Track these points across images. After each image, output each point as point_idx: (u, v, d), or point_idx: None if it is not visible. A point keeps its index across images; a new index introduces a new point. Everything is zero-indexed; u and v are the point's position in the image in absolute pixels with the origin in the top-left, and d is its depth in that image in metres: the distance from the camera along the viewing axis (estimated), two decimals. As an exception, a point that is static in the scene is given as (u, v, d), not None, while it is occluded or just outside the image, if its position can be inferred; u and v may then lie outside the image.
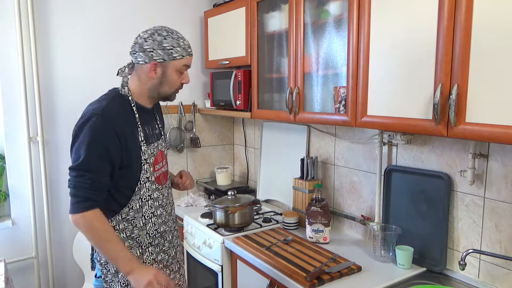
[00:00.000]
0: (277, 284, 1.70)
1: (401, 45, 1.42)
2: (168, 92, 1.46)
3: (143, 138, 1.43)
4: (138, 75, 1.44)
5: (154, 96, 1.48)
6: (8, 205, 2.30)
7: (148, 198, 1.46)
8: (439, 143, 1.67)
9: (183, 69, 1.44)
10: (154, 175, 1.47)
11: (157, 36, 1.38)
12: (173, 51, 1.39)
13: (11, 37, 2.17)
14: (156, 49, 1.37)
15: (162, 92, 1.46)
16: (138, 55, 1.40)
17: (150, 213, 1.47)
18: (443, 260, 1.63)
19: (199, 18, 2.79)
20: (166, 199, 1.55)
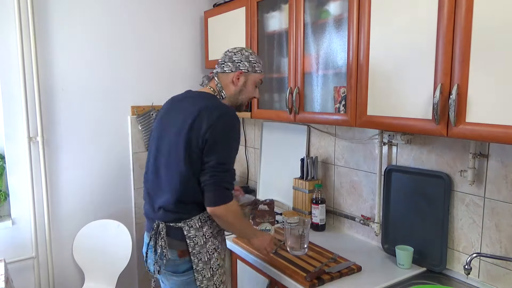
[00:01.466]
0: (277, 284, 1.70)
1: (401, 44, 1.42)
2: (244, 101, 1.67)
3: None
4: (222, 82, 1.63)
5: (233, 102, 1.65)
6: (8, 205, 2.30)
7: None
8: (439, 143, 1.67)
9: (258, 83, 1.67)
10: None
11: (245, 52, 1.62)
12: (256, 65, 1.63)
13: (11, 37, 2.17)
14: (243, 61, 1.60)
15: (240, 99, 1.65)
16: (226, 64, 1.62)
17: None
18: (443, 260, 1.63)
19: (199, 18, 2.79)
20: None
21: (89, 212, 2.48)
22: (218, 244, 1.58)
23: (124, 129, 2.58)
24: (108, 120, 2.51)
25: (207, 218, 1.54)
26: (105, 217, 2.52)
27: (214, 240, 1.56)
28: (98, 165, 2.50)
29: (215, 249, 1.56)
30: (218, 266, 1.57)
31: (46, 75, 2.29)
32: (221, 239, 1.62)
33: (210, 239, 1.54)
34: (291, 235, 1.79)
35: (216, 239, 1.57)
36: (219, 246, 1.58)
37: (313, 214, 2.13)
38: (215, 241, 1.56)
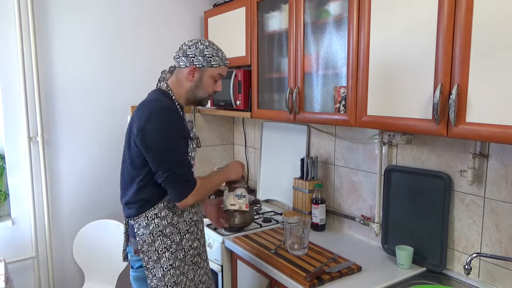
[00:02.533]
0: (277, 284, 1.70)
1: (401, 44, 1.42)
2: (203, 96, 1.60)
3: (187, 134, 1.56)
4: (178, 78, 1.58)
5: (190, 98, 1.60)
6: (8, 205, 2.30)
7: None
8: (439, 143, 1.67)
9: (217, 77, 1.59)
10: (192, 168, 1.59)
11: (200, 45, 1.53)
12: (212, 59, 1.54)
13: (11, 37, 2.17)
14: (197, 55, 1.52)
15: (198, 95, 1.60)
16: (180, 59, 1.55)
17: None
18: (443, 260, 1.63)
19: (199, 18, 2.79)
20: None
21: (89, 212, 2.48)
22: (171, 243, 1.52)
23: (124, 129, 2.55)
24: (108, 120, 2.51)
25: (154, 216, 1.51)
26: (105, 217, 2.52)
27: (165, 239, 1.52)
28: (98, 165, 2.50)
29: (166, 248, 1.52)
30: (170, 266, 1.52)
31: (46, 75, 2.29)
32: (179, 239, 1.55)
33: (159, 238, 1.51)
34: (291, 235, 1.79)
35: (169, 238, 1.52)
36: (172, 246, 1.52)
37: (313, 214, 2.13)
38: (167, 240, 1.52)
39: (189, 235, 1.59)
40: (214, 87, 1.60)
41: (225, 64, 1.59)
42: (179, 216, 1.56)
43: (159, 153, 1.45)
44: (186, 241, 1.57)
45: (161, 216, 1.52)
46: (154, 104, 1.49)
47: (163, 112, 1.46)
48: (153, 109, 1.46)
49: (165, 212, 1.53)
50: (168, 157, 1.45)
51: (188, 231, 1.58)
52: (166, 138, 1.45)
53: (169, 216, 1.54)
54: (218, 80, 1.61)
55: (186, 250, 1.57)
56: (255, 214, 2.40)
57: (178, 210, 1.56)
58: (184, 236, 1.57)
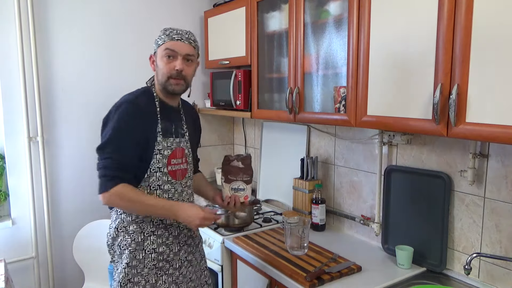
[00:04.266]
0: (277, 284, 1.70)
1: (401, 44, 1.42)
2: (162, 80, 1.51)
3: (161, 130, 1.51)
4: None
5: (161, 89, 1.55)
6: (8, 205, 2.30)
7: (157, 188, 1.52)
8: (439, 143, 1.67)
9: (166, 53, 1.49)
10: (168, 168, 1.52)
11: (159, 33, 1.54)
12: (159, 39, 1.52)
13: (11, 37, 2.17)
14: (154, 44, 1.54)
15: (160, 82, 1.53)
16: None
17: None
18: (443, 260, 1.63)
19: (199, 18, 2.79)
20: (179, 195, 1.58)
21: (89, 212, 2.48)
22: (131, 242, 1.49)
23: (124, 129, 2.57)
24: (108, 120, 2.51)
25: (122, 211, 1.52)
26: (105, 217, 2.52)
27: (127, 236, 1.50)
28: (98, 165, 2.50)
29: (126, 246, 1.50)
30: (126, 265, 1.49)
31: (46, 75, 2.29)
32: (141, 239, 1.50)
33: (122, 234, 1.51)
34: (291, 235, 1.79)
35: (130, 237, 1.50)
36: (131, 245, 1.49)
37: (313, 214, 2.13)
38: (128, 238, 1.50)
39: (155, 238, 1.52)
40: (169, 67, 1.49)
41: (172, 38, 1.49)
42: (145, 216, 1.51)
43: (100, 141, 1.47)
44: (149, 243, 1.51)
45: (127, 212, 1.51)
46: (121, 99, 1.52)
47: (121, 105, 1.47)
48: (116, 103, 1.50)
49: None
50: (100, 146, 1.45)
51: (154, 233, 1.52)
52: (108, 131, 1.45)
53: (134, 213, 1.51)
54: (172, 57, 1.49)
55: (147, 252, 1.50)
56: (255, 214, 2.40)
57: None
58: (148, 238, 1.51)
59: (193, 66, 1.57)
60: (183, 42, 1.50)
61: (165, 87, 1.52)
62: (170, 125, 1.55)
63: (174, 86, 1.51)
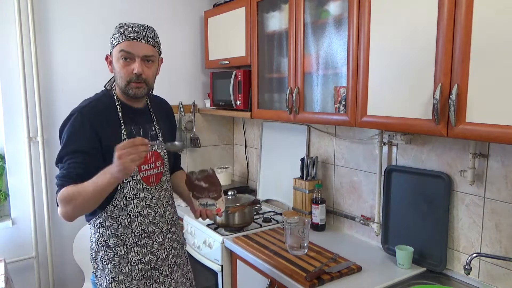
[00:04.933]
0: (277, 284, 1.70)
1: (401, 44, 1.42)
2: (121, 85, 1.39)
3: (126, 136, 1.41)
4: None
5: (120, 92, 1.44)
6: (8, 205, 2.30)
7: (133, 197, 1.44)
8: (439, 143, 1.67)
9: (121, 55, 1.35)
10: (140, 175, 1.44)
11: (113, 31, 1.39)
12: (113, 38, 1.38)
13: (11, 37, 2.17)
14: (109, 44, 1.41)
15: (119, 85, 1.40)
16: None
17: (136, 212, 1.44)
18: (443, 260, 1.63)
19: (199, 18, 2.79)
20: (157, 200, 1.50)
21: (89, 212, 2.48)
22: (113, 256, 1.43)
23: (124, 129, 2.57)
24: (108, 120, 2.51)
25: (99, 225, 1.43)
26: (105, 217, 2.52)
27: (108, 251, 1.43)
28: (98, 165, 2.49)
29: (109, 260, 1.43)
30: (112, 279, 1.43)
31: (46, 75, 2.29)
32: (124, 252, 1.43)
33: (103, 248, 1.44)
34: (291, 235, 1.79)
35: (112, 250, 1.43)
36: (114, 259, 1.43)
37: (313, 214, 2.13)
38: (110, 252, 1.43)
39: (139, 248, 1.45)
40: (127, 70, 1.36)
41: (127, 38, 1.34)
42: (125, 227, 1.43)
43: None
44: (134, 254, 1.44)
45: (106, 225, 1.42)
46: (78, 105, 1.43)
47: (72, 115, 1.39)
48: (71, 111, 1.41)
49: (109, 222, 1.42)
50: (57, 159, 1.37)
51: (138, 244, 1.45)
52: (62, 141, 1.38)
53: (114, 226, 1.42)
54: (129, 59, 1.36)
55: (133, 264, 1.44)
56: (255, 214, 2.40)
57: (124, 221, 1.42)
58: (131, 249, 1.44)
59: (154, 67, 1.44)
60: (140, 41, 1.35)
61: (125, 91, 1.40)
62: (137, 129, 1.45)
63: (135, 90, 1.39)
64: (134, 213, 1.44)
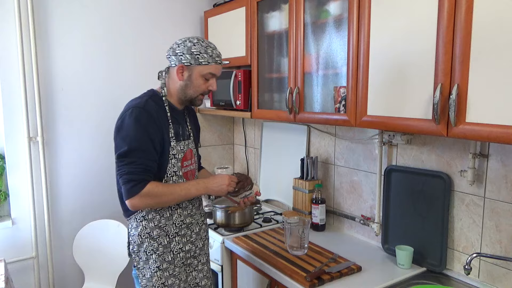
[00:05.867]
0: (277, 284, 1.70)
1: (401, 44, 1.42)
2: (193, 95, 1.57)
3: (173, 135, 1.55)
4: (170, 77, 1.58)
5: (181, 97, 1.58)
6: (8, 205, 2.30)
7: None
8: (439, 143, 1.67)
9: (208, 76, 1.54)
10: (182, 170, 1.58)
11: (188, 43, 1.51)
12: (199, 56, 1.50)
13: (11, 37, 2.17)
14: (185, 53, 1.50)
15: (188, 94, 1.57)
16: (171, 58, 1.54)
17: (176, 205, 1.57)
18: (443, 260, 1.63)
19: (199, 18, 2.79)
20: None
21: (89, 212, 2.48)
22: (158, 246, 1.53)
23: (124, 129, 2.57)
24: (108, 120, 2.51)
25: (142, 218, 1.53)
26: (105, 217, 2.52)
27: (152, 242, 1.53)
28: (98, 165, 2.50)
29: (153, 250, 1.53)
30: (157, 268, 1.53)
31: (46, 75, 2.29)
32: (167, 242, 1.55)
33: (147, 240, 1.53)
34: (291, 235, 1.79)
35: (155, 241, 1.53)
36: (159, 249, 1.54)
37: (313, 214, 2.13)
38: (154, 242, 1.53)
39: (180, 238, 1.58)
40: (206, 86, 1.56)
41: (216, 62, 1.53)
42: (167, 219, 1.55)
43: (116, 149, 1.47)
44: (175, 244, 1.57)
45: (149, 218, 1.53)
46: (130, 103, 1.52)
47: (134, 110, 1.46)
48: (128, 108, 1.49)
49: (152, 215, 1.53)
50: (121, 154, 1.44)
51: (178, 234, 1.58)
52: (126, 136, 1.45)
53: (156, 218, 1.53)
54: (211, 79, 1.56)
55: (175, 253, 1.57)
56: (255, 214, 2.40)
57: (166, 213, 1.55)
58: (173, 239, 1.56)
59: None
60: (220, 64, 1.57)
61: (192, 101, 1.58)
62: (179, 128, 1.58)
63: (200, 101, 1.60)
64: (175, 205, 1.56)
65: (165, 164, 1.52)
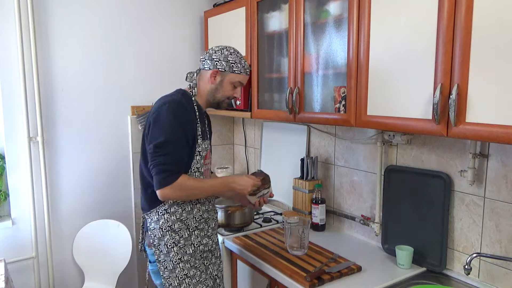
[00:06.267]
0: (277, 284, 1.70)
1: (401, 44, 1.42)
2: (220, 99, 1.68)
3: (200, 133, 1.62)
4: (202, 79, 1.67)
5: (210, 100, 1.68)
6: (8, 205, 2.30)
7: None
8: (439, 143, 1.67)
9: (237, 84, 1.67)
10: (203, 168, 1.65)
11: (225, 51, 1.64)
12: (234, 65, 1.64)
13: (11, 37, 2.17)
14: (221, 60, 1.62)
15: (216, 98, 1.67)
16: (206, 62, 1.65)
17: (195, 200, 1.64)
18: (443, 260, 1.63)
19: (199, 18, 2.79)
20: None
21: (89, 212, 2.48)
22: (179, 239, 1.59)
23: (124, 129, 2.58)
24: (108, 120, 2.51)
25: (164, 212, 1.59)
26: (105, 217, 2.52)
27: (174, 235, 1.59)
28: (98, 165, 2.50)
29: (174, 243, 1.59)
30: (179, 260, 1.59)
31: (46, 75, 2.29)
32: (187, 235, 1.61)
33: (168, 233, 1.59)
34: (291, 235, 1.79)
35: (177, 234, 1.59)
36: (180, 241, 1.59)
37: (313, 214, 2.13)
38: (175, 235, 1.59)
39: (199, 232, 1.64)
40: (232, 93, 1.68)
41: (246, 73, 1.67)
42: (188, 213, 1.61)
43: (152, 140, 1.52)
44: (195, 237, 1.63)
45: (171, 212, 1.59)
46: (166, 98, 1.59)
47: (171, 104, 1.54)
48: (164, 102, 1.56)
49: (174, 208, 1.59)
50: (158, 144, 1.50)
51: (198, 228, 1.64)
52: (166, 128, 1.51)
53: (178, 212, 1.59)
54: (238, 87, 1.69)
55: (195, 245, 1.63)
56: (255, 214, 2.40)
57: (187, 207, 1.61)
58: (193, 233, 1.63)
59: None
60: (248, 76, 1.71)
61: (218, 104, 1.69)
62: (204, 128, 1.66)
63: (225, 106, 1.72)
64: (194, 200, 1.63)
65: (191, 159, 1.59)
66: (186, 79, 1.71)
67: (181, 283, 1.59)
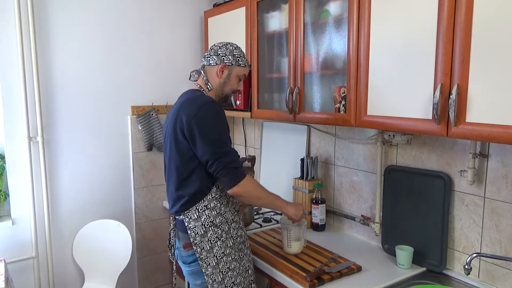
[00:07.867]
0: (277, 284, 1.70)
1: (401, 44, 1.42)
2: (228, 93, 1.71)
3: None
4: (207, 76, 1.69)
5: (219, 94, 1.71)
6: (8, 205, 2.30)
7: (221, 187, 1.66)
8: (439, 143, 1.67)
9: (242, 76, 1.72)
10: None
11: (229, 46, 1.68)
12: (240, 59, 1.68)
13: (11, 37, 2.17)
14: (228, 54, 1.66)
15: (225, 92, 1.71)
16: (211, 58, 1.67)
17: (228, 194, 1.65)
18: (443, 260, 1.63)
19: (199, 18, 2.79)
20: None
21: (89, 212, 2.48)
22: (221, 232, 1.61)
23: (124, 129, 2.58)
24: (108, 120, 2.51)
25: (205, 208, 1.60)
26: (105, 217, 2.52)
27: (216, 229, 1.61)
28: (98, 165, 2.50)
29: (217, 237, 1.60)
30: (223, 254, 1.60)
31: (46, 75, 2.29)
32: (227, 228, 1.63)
33: (211, 228, 1.60)
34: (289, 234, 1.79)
35: (219, 228, 1.61)
36: (222, 235, 1.61)
37: (313, 214, 2.13)
38: (217, 230, 1.61)
39: (235, 224, 1.67)
40: (238, 86, 1.72)
41: (249, 66, 1.73)
42: (225, 206, 1.64)
43: (209, 142, 1.53)
44: (233, 229, 1.66)
45: (211, 207, 1.61)
46: (201, 99, 1.58)
47: (212, 104, 1.56)
48: (202, 103, 1.56)
49: (213, 203, 1.61)
50: (218, 146, 1.54)
51: (234, 220, 1.67)
52: (216, 129, 1.55)
53: (217, 206, 1.62)
54: (242, 80, 1.73)
55: (234, 238, 1.65)
56: (255, 214, 2.40)
57: (224, 200, 1.64)
58: (231, 225, 1.65)
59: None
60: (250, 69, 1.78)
61: (226, 96, 1.72)
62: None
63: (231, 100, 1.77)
64: (228, 194, 1.66)
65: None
66: (190, 78, 1.74)
67: (224, 277, 1.60)
